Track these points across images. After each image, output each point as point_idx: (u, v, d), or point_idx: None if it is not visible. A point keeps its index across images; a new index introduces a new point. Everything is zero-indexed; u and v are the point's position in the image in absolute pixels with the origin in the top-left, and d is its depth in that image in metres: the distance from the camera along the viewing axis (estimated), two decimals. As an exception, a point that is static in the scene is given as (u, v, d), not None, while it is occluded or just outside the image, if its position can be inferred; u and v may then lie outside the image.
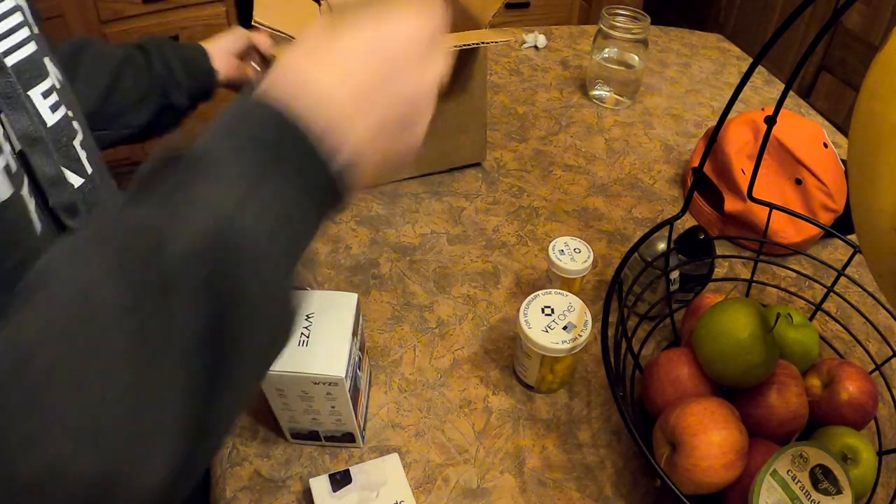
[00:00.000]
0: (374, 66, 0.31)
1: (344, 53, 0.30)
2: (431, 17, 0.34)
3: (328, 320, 0.47)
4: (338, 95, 0.29)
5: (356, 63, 0.30)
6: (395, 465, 0.52)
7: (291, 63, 0.30)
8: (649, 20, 0.95)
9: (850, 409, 0.52)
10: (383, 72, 0.31)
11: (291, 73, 0.30)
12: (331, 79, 0.30)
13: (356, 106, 0.30)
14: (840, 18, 0.89)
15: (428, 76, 0.33)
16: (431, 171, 0.86)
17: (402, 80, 0.31)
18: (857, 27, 1.81)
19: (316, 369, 0.44)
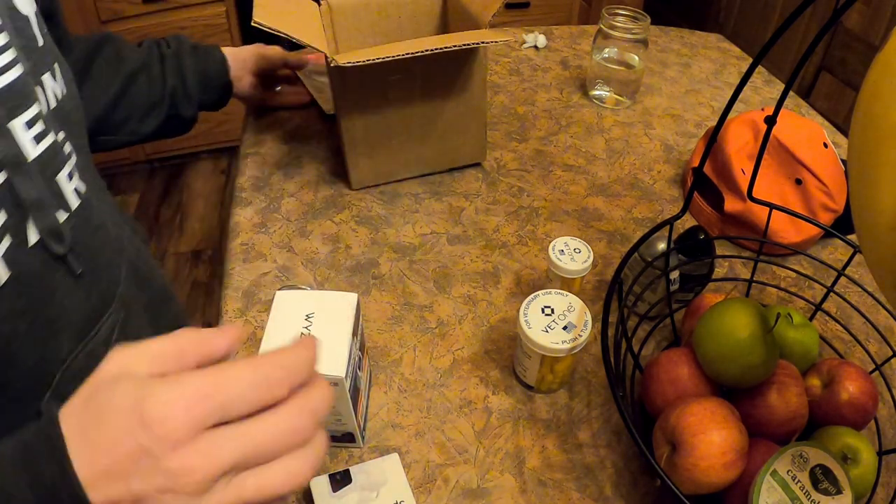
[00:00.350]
0: (130, 448, 0.28)
1: (107, 421, 0.29)
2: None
3: (328, 320, 0.47)
4: (99, 465, 0.28)
5: (116, 437, 0.28)
6: (395, 465, 0.52)
7: (69, 427, 0.29)
8: (649, 20, 0.95)
9: (850, 409, 0.52)
10: (141, 462, 0.28)
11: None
12: (86, 460, 0.28)
13: (118, 480, 0.28)
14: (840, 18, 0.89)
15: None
16: (431, 171, 0.86)
17: (160, 484, 0.28)
18: (857, 27, 1.82)
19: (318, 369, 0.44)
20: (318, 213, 0.80)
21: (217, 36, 2.07)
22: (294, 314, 0.47)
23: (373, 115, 0.76)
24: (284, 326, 0.46)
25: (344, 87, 0.73)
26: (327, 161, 0.88)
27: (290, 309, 0.48)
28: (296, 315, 0.47)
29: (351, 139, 0.77)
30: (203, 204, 2.23)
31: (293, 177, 0.85)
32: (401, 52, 0.65)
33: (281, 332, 0.46)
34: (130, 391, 0.29)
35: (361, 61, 0.63)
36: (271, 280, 0.70)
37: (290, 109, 0.96)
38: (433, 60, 0.72)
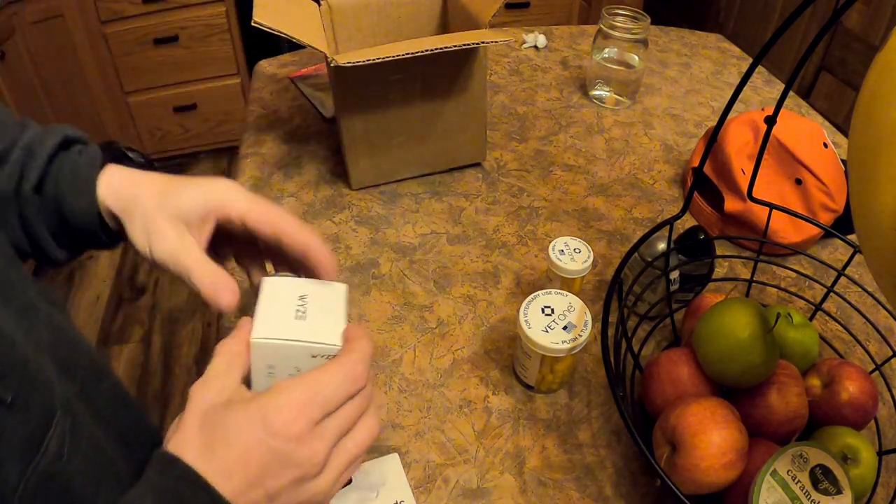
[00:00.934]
0: (262, 454, 0.35)
1: (233, 438, 0.35)
2: (320, 390, 0.37)
3: (322, 301, 0.45)
4: (236, 479, 0.34)
5: (246, 448, 0.34)
6: (395, 465, 0.52)
7: (189, 463, 0.34)
8: (649, 20, 0.95)
9: (850, 409, 0.52)
10: (272, 464, 0.35)
11: (193, 471, 0.34)
12: (223, 478, 0.34)
13: (255, 487, 0.34)
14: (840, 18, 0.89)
15: (323, 481, 0.37)
16: (431, 171, 0.86)
17: (294, 475, 0.35)
18: (857, 27, 1.81)
19: (320, 338, 0.42)
20: (318, 213, 0.80)
21: (217, 36, 2.07)
22: (286, 296, 0.44)
23: (373, 115, 0.76)
24: (277, 302, 0.44)
25: (344, 87, 0.73)
26: (327, 161, 0.88)
27: (282, 292, 0.45)
28: (288, 297, 0.44)
29: (351, 139, 0.77)
30: (203, 204, 2.23)
31: (293, 177, 0.85)
32: (401, 52, 0.65)
33: (275, 307, 0.43)
34: (244, 411, 0.35)
35: (361, 61, 0.63)
36: (271, 280, 0.70)
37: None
38: (433, 60, 0.72)
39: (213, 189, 0.45)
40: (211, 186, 0.45)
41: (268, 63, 1.11)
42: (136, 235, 0.45)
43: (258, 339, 0.40)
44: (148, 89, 2.14)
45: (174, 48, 2.07)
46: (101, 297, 1.92)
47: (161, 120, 2.23)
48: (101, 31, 1.97)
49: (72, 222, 0.46)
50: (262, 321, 0.42)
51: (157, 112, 2.20)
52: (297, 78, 1.05)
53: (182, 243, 0.44)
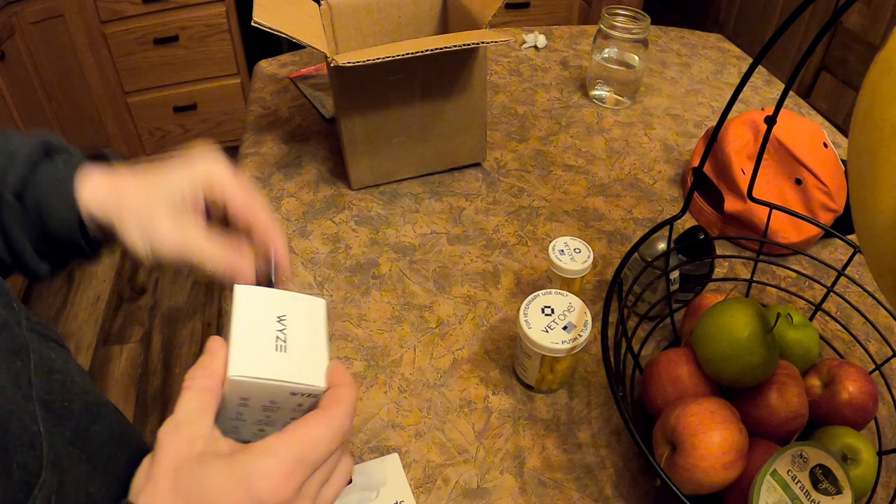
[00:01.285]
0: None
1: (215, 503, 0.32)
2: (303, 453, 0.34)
3: (303, 324, 0.42)
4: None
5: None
6: (395, 465, 0.52)
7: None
8: (649, 20, 0.95)
9: (850, 409, 0.52)
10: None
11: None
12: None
13: None
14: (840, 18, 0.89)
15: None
16: (431, 171, 0.86)
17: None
18: (857, 27, 1.81)
19: (304, 379, 0.38)
20: (318, 213, 0.80)
21: (217, 36, 2.07)
22: (264, 314, 0.41)
23: (373, 115, 0.76)
24: (254, 325, 0.40)
25: (344, 87, 0.73)
26: (327, 161, 0.88)
27: (258, 308, 0.41)
28: (266, 316, 0.41)
29: (351, 139, 0.77)
30: (203, 204, 2.23)
31: (293, 177, 0.85)
32: (401, 52, 0.65)
33: (251, 333, 0.40)
34: (226, 471, 0.33)
35: (361, 61, 0.63)
36: (271, 280, 0.70)
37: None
38: (433, 60, 0.72)
39: (197, 170, 0.44)
40: (195, 168, 0.44)
41: (268, 63, 1.11)
42: (133, 240, 0.43)
43: (236, 377, 0.36)
44: (148, 89, 2.14)
45: (174, 48, 2.07)
46: (101, 297, 1.92)
47: (161, 120, 2.23)
48: (101, 31, 1.97)
49: (52, 231, 0.44)
50: (240, 351, 0.38)
51: (157, 112, 2.20)
52: (297, 78, 1.05)
53: (184, 235, 0.43)
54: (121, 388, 1.67)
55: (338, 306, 0.68)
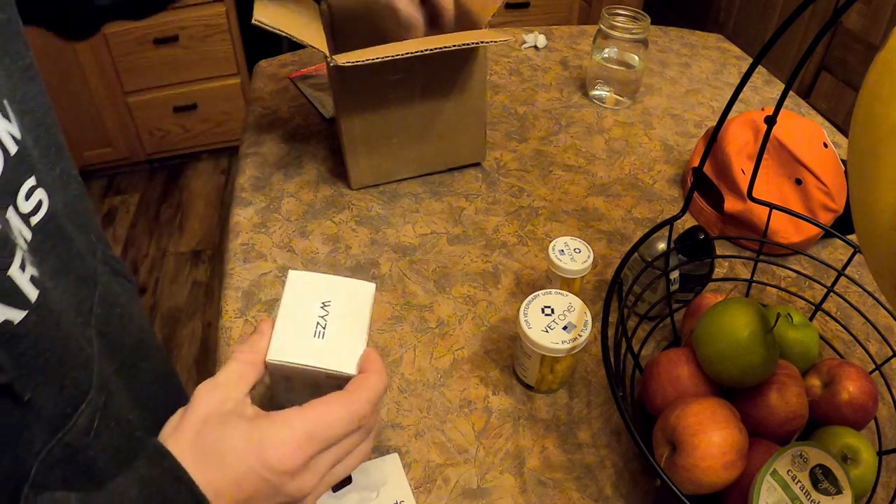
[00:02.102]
0: (254, 482, 0.35)
1: (229, 461, 0.35)
2: (326, 426, 0.37)
3: (344, 311, 0.44)
4: (225, 498, 0.34)
5: (240, 473, 0.35)
6: (395, 465, 0.52)
7: (184, 461, 0.35)
8: (649, 20, 0.95)
9: (850, 409, 0.52)
10: (261, 493, 0.35)
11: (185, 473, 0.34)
12: (213, 495, 0.34)
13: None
14: (840, 18, 0.89)
15: (306, 502, 0.38)
16: (431, 171, 0.86)
17: (279, 501, 0.36)
18: (857, 27, 1.82)
19: (332, 365, 0.42)
20: (318, 213, 0.80)
21: (217, 36, 2.07)
22: (309, 299, 0.44)
23: (373, 115, 0.76)
24: (299, 311, 0.44)
25: (344, 87, 0.73)
26: (327, 161, 0.88)
27: (305, 292, 0.45)
28: (311, 300, 0.44)
29: (351, 139, 0.77)
30: (203, 204, 2.23)
31: (293, 177, 0.85)
32: (401, 52, 0.65)
33: (295, 318, 0.43)
34: (244, 433, 0.35)
35: (361, 61, 0.63)
36: (271, 280, 0.70)
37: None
38: (433, 60, 0.72)
39: None
40: None
41: (268, 63, 1.11)
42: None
43: (272, 360, 0.41)
44: (148, 89, 2.14)
45: (174, 48, 2.07)
46: (101, 297, 1.92)
47: (161, 120, 2.23)
48: (101, 31, 1.97)
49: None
50: (280, 338, 0.42)
51: (157, 112, 2.20)
52: (297, 78, 1.05)
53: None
54: (121, 388, 1.67)
55: (338, 306, 0.68)
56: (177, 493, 0.33)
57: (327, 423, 0.37)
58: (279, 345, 0.42)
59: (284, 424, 0.36)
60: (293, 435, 0.36)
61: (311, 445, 0.36)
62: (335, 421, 0.37)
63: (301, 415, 0.37)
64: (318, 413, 0.37)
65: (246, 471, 0.35)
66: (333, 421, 0.37)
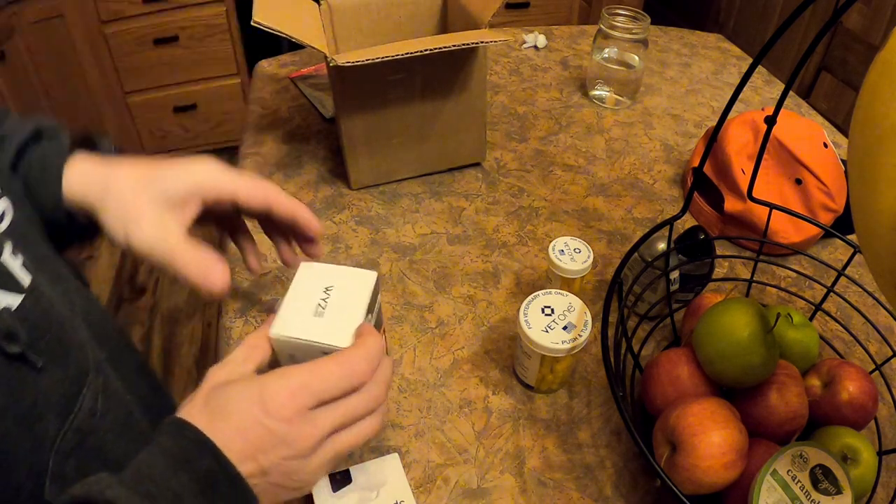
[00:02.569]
0: (258, 431, 0.37)
1: (233, 414, 0.37)
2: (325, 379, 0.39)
3: (345, 295, 0.48)
4: (234, 449, 0.36)
5: (244, 424, 0.37)
6: (395, 465, 0.52)
7: (198, 426, 0.36)
8: (649, 20, 0.95)
9: (850, 409, 0.52)
10: (265, 441, 0.37)
11: (201, 433, 0.36)
12: (227, 436, 0.36)
13: (250, 459, 0.36)
14: (840, 18, 0.89)
15: (313, 463, 0.38)
16: (431, 171, 0.86)
17: (284, 453, 0.37)
18: (857, 27, 1.81)
19: (326, 339, 0.44)
20: (318, 213, 0.80)
21: (217, 36, 2.07)
22: (314, 284, 0.48)
23: (373, 115, 0.76)
24: (304, 294, 0.47)
25: (344, 87, 0.73)
26: (327, 161, 0.88)
27: (312, 279, 0.48)
28: (316, 285, 0.48)
29: (351, 139, 0.77)
30: (203, 204, 2.23)
31: (293, 177, 0.85)
32: (401, 52, 0.65)
33: (300, 300, 0.47)
34: (246, 389, 0.37)
35: (361, 61, 0.63)
36: (271, 280, 0.70)
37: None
38: (433, 60, 0.72)
39: (198, 170, 0.45)
40: (195, 167, 0.45)
41: (268, 63, 1.11)
42: (110, 225, 0.43)
43: (273, 335, 0.44)
44: (148, 89, 2.14)
45: (174, 48, 2.07)
46: (101, 297, 1.92)
47: (161, 120, 2.23)
48: (101, 31, 1.97)
49: (40, 211, 0.44)
50: (283, 316, 0.46)
51: (157, 112, 2.20)
52: (297, 78, 1.05)
53: (162, 229, 0.43)
54: (121, 388, 1.67)
55: (338, 306, 0.68)
56: (201, 458, 0.35)
57: (322, 376, 0.38)
58: (281, 321, 0.45)
59: (282, 375, 0.38)
60: (288, 383, 0.37)
61: (305, 393, 0.37)
62: (329, 373, 0.38)
63: (298, 368, 0.38)
64: (314, 366, 0.39)
65: (248, 421, 0.36)
66: (328, 373, 0.38)
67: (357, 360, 0.40)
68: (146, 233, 0.43)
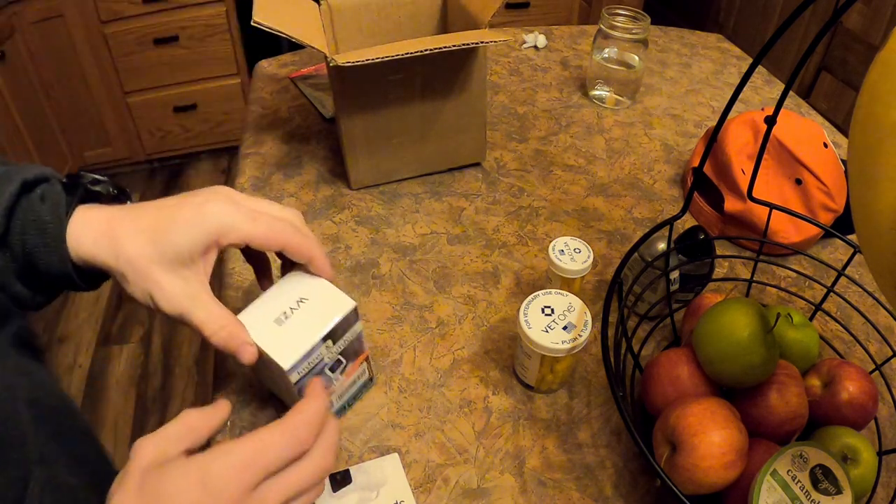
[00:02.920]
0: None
1: (174, 500, 0.35)
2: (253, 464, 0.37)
3: (312, 314, 0.47)
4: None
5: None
6: (395, 465, 0.52)
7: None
8: (649, 20, 0.95)
9: (850, 409, 0.52)
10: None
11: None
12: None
13: None
14: (840, 18, 0.89)
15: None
16: (431, 171, 0.86)
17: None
18: (857, 27, 1.82)
19: (271, 350, 0.44)
20: (318, 213, 0.80)
21: (217, 36, 2.07)
22: (292, 293, 0.48)
23: (373, 115, 0.76)
24: (277, 299, 0.47)
25: (343, 87, 0.73)
26: (327, 161, 0.88)
27: (294, 287, 0.48)
28: (293, 295, 0.48)
29: (350, 139, 0.77)
30: (203, 204, 2.23)
31: (293, 177, 0.85)
32: (401, 52, 0.65)
33: (270, 303, 0.47)
34: (184, 470, 0.35)
35: (361, 61, 0.63)
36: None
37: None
38: (433, 60, 0.72)
39: (208, 220, 0.42)
40: (206, 215, 0.42)
41: (268, 63, 1.11)
42: (134, 292, 0.42)
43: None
44: (148, 89, 2.14)
45: (174, 48, 2.07)
46: (101, 297, 1.92)
47: (161, 120, 2.23)
48: (101, 31, 1.97)
49: (45, 277, 0.43)
50: (250, 311, 0.46)
51: (157, 112, 2.20)
52: (297, 78, 1.05)
53: (186, 295, 0.42)
54: (121, 388, 1.67)
55: (338, 306, 0.68)
56: None
57: (264, 447, 0.37)
58: (244, 319, 0.45)
59: (223, 452, 0.36)
60: (233, 460, 0.36)
61: (251, 470, 0.36)
62: (272, 444, 0.37)
63: (239, 441, 0.37)
64: (257, 438, 0.37)
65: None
66: (270, 444, 0.37)
67: (298, 426, 0.38)
68: (172, 297, 0.41)
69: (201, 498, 0.34)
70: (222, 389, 0.60)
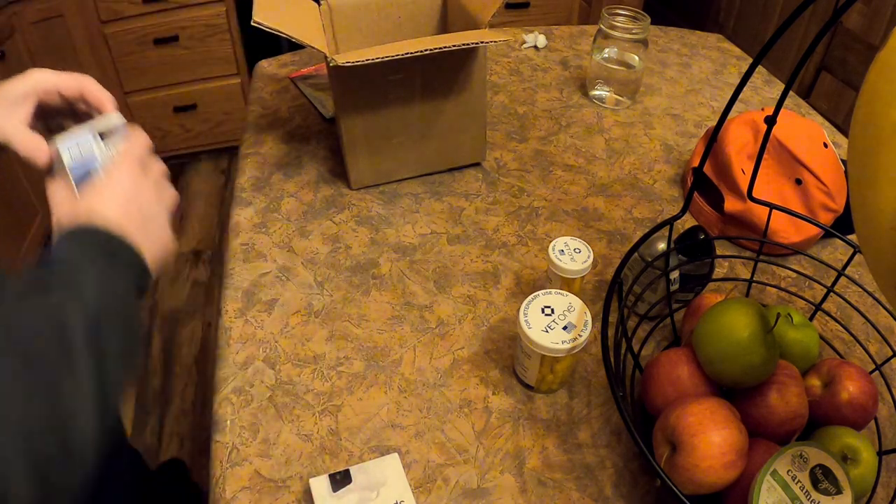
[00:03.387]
0: (126, 198, 0.49)
1: (112, 195, 0.48)
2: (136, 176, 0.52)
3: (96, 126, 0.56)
4: (118, 218, 0.47)
5: (120, 197, 0.49)
6: (395, 465, 0.52)
7: (84, 206, 0.47)
8: (649, 20, 0.95)
9: (850, 409, 0.52)
10: (134, 199, 0.49)
11: (89, 212, 0.46)
12: (111, 210, 0.47)
13: (128, 221, 0.47)
14: (840, 18, 0.89)
15: (159, 201, 0.53)
16: (431, 171, 0.86)
17: (142, 201, 0.50)
18: (857, 27, 1.82)
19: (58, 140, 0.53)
20: (318, 213, 0.80)
21: (217, 36, 2.07)
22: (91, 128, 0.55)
23: (373, 115, 0.76)
24: (82, 129, 0.55)
25: (344, 87, 0.73)
26: (327, 161, 0.88)
27: (90, 126, 0.56)
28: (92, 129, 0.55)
29: (351, 139, 0.77)
30: (203, 204, 2.23)
31: (293, 177, 0.85)
32: (401, 52, 0.65)
33: (78, 132, 0.54)
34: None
35: (361, 61, 0.63)
36: (271, 280, 0.70)
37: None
38: (433, 60, 0.72)
39: (30, 75, 0.56)
40: (29, 73, 0.56)
41: (268, 63, 1.11)
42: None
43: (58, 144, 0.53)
44: (148, 89, 2.14)
45: (174, 48, 2.07)
46: (101, 297, 1.91)
47: (161, 120, 2.23)
48: (101, 31, 1.97)
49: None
50: (66, 134, 0.54)
51: (157, 112, 2.20)
52: (297, 78, 1.05)
53: (7, 119, 0.54)
54: (121, 388, 1.67)
55: (338, 306, 0.68)
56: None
57: (132, 145, 0.56)
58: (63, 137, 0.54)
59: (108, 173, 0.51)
60: (118, 166, 0.52)
61: (134, 160, 0.54)
62: (137, 139, 0.57)
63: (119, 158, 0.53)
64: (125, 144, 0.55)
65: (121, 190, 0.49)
66: (135, 141, 0.57)
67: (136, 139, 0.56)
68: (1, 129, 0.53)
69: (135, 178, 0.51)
70: (222, 389, 0.60)
